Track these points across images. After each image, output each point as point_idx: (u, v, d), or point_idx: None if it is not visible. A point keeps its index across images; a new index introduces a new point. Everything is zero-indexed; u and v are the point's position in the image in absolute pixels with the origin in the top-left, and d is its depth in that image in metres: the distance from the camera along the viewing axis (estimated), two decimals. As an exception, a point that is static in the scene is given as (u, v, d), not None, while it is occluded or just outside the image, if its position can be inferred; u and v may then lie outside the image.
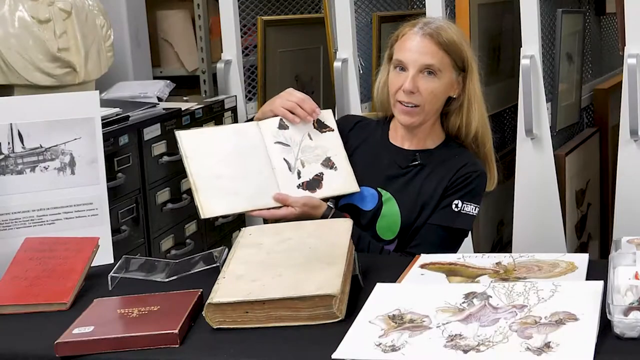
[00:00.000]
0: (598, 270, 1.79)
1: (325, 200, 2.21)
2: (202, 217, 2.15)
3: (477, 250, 3.20)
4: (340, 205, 2.26)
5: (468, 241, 3.11)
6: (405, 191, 2.22)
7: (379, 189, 2.24)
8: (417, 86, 2.17)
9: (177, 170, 3.03)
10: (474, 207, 2.22)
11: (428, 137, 2.28)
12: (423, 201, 2.21)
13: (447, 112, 2.27)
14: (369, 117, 2.44)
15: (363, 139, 2.33)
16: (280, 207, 2.15)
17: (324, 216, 2.14)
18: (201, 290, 1.78)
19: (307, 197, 2.16)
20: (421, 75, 2.18)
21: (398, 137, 2.29)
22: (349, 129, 2.34)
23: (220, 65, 3.44)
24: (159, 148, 2.94)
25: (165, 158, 2.96)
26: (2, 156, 2.13)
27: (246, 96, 3.52)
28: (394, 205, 2.22)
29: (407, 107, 2.20)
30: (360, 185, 2.24)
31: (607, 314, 1.51)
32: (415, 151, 2.27)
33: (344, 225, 1.94)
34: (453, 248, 2.23)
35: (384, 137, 2.31)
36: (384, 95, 2.31)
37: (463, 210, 2.20)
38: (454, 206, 2.20)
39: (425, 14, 3.11)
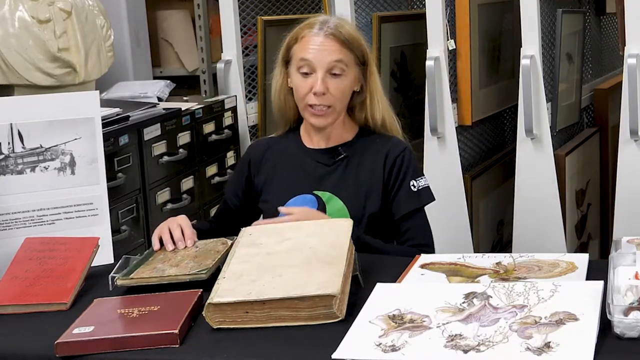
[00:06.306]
0: (598, 270, 1.79)
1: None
2: None
3: (477, 250, 3.20)
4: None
5: (468, 241, 3.11)
6: (343, 185, 2.22)
7: (314, 192, 2.22)
8: (327, 87, 2.17)
9: (177, 170, 3.04)
10: (424, 178, 2.26)
11: (343, 131, 2.28)
12: (365, 190, 2.21)
13: (352, 106, 2.28)
14: (274, 136, 2.39)
15: (279, 155, 2.31)
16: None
17: None
18: (201, 290, 1.78)
19: (307, 208, 2.15)
20: (329, 76, 2.18)
21: (313, 140, 2.28)
22: (262, 152, 2.32)
23: (220, 65, 3.44)
24: (159, 148, 2.94)
25: (165, 158, 2.96)
26: (2, 156, 2.13)
27: (246, 96, 3.52)
28: (337, 202, 2.21)
29: (318, 110, 2.19)
30: (294, 194, 2.22)
31: (607, 314, 1.51)
32: (335, 147, 2.26)
33: (344, 225, 1.94)
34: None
35: (298, 145, 2.30)
36: (281, 101, 2.29)
37: (420, 186, 2.24)
38: (412, 188, 2.22)
39: (425, 14, 3.12)
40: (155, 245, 2.09)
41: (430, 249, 2.23)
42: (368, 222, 2.20)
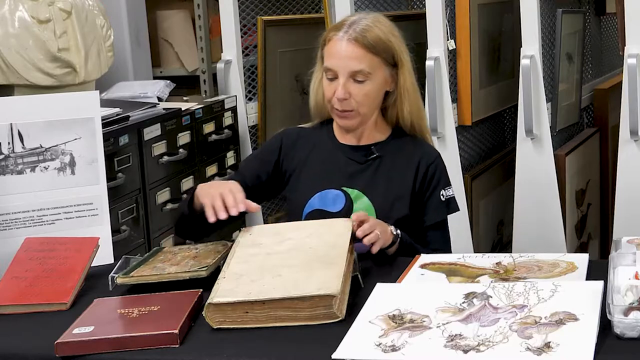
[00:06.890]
0: (598, 270, 1.79)
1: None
2: None
3: (477, 250, 3.20)
4: (307, 213, 2.21)
5: (468, 241, 3.11)
6: (374, 184, 2.21)
7: (343, 188, 2.21)
8: (349, 92, 2.16)
9: (177, 170, 3.04)
10: (451, 188, 2.27)
11: (375, 131, 2.27)
12: (395, 193, 2.20)
13: (386, 106, 2.27)
14: (306, 126, 2.38)
15: (311, 146, 2.30)
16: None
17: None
18: (201, 290, 1.78)
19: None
20: (352, 81, 2.17)
21: (346, 136, 2.28)
22: (293, 140, 2.31)
23: (220, 65, 3.44)
24: (159, 148, 2.94)
25: (165, 158, 2.96)
26: (2, 156, 2.13)
27: (246, 96, 3.52)
28: (365, 201, 2.20)
29: (342, 112, 2.20)
30: (322, 188, 2.22)
31: (607, 314, 1.51)
32: (368, 145, 2.26)
33: (344, 225, 1.94)
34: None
35: (332, 139, 2.29)
36: (318, 96, 2.29)
37: (447, 196, 2.24)
38: (442, 198, 2.23)
39: (425, 14, 3.12)
40: (211, 216, 1.97)
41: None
42: (394, 225, 2.20)
